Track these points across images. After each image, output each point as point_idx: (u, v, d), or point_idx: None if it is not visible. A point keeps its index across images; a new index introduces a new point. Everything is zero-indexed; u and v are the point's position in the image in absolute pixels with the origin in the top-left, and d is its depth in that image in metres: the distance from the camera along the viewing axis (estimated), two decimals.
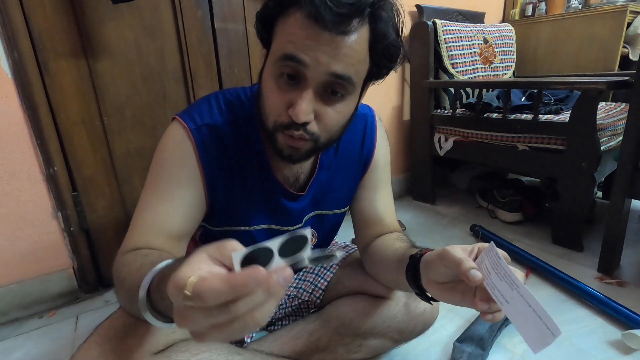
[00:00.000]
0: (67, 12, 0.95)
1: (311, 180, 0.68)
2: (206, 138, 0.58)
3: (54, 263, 1.08)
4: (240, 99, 0.62)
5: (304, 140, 0.52)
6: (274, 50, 0.49)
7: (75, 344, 0.94)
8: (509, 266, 0.40)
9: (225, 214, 0.64)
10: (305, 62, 0.46)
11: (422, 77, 1.65)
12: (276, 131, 0.52)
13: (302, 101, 0.48)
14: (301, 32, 0.46)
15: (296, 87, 0.49)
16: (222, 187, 0.61)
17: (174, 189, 0.57)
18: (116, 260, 0.51)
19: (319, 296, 0.81)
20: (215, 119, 0.59)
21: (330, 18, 0.44)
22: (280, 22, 0.49)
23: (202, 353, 0.58)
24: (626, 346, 0.85)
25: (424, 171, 1.78)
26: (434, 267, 0.47)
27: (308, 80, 0.48)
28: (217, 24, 1.16)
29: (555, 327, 0.35)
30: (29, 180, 0.99)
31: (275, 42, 0.50)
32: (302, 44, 0.46)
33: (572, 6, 1.92)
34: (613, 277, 1.12)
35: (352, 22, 0.45)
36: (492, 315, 0.42)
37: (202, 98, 0.63)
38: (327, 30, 0.45)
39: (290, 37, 0.47)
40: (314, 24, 0.45)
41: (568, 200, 1.27)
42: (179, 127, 0.58)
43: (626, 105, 1.43)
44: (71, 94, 1.00)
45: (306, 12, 0.44)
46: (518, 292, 0.38)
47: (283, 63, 0.48)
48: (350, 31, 0.46)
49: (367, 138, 0.71)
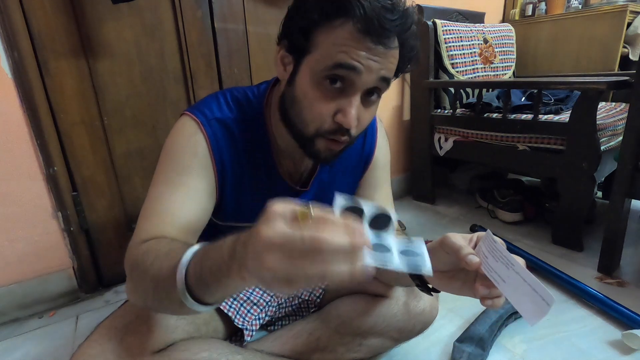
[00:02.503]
0: (67, 12, 0.95)
1: (313, 177, 0.69)
2: (217, 131, 0.59)
3: (54, 263, 1.08)
4: (248, 98, 0.63)
5: (345, 142, 0.54)
6: (320, 60, 0.49)
7: (75, 344, 0.94)
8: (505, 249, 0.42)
9: (232, 208, 0.65)
10: (359, 69, 0.48)
11: (422, 77, 1.65)
12: (317, 137, 0.53)
13: (352, 109, 0.50)
14: (354, 43, 0.47)
15: (342, 94, 0.50)
16: (232, 180, 0.62)
17: (187, 179, 0.56)
18: (131, 251, 0.50)
19: (319, 295, 0.81)
20: (224, 114, 0.60)
21: (382, 34, 0.47)
22: (323, 32, 0.49)
23: (202, 352, 0.58)
24: (626, 346, 0.85)
25: (424, 171, 1.78)
26: (436, 255, 0.47)
27: (357, 86, 0.50)
28: (217, 24, 1.16)
29: (550, 297, 0.37)
30: (29, 180, 0.99)
31: (317, 51, 0.50)
32: (355, 53, 0.47)
33: (572, 6, 1.92)
34: (613, 277, 1.12)
35: (396, 38, 0.49)
36: (492, 301, 0.44)
37: (210, 95, 0.63)
38: (380, 45, 0.48)
39: (342, 47, 0.48)
40: (367, 38, 0.47)
41: (568, 200, 1.27)
42: (190, 120, 0.58)
43: (626, 105, 1.43)
44: (71, 94, 1.00)
45: (359, 27, 0.46)
46: (513, 269, 0.40)
47: (333, 71, 0.49)
48: (394, 46, 0.50)
49: (367, 138, 0.72)
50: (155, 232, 0.52)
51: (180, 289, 0.39)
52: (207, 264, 0.37)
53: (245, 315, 0.73)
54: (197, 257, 0.39)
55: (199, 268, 0.38)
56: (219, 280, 0.36)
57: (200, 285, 0.38)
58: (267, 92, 0.63)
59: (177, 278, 0.39)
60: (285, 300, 0.81)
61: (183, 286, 0.39)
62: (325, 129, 0.52)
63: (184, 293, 0.39)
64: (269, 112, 0.63)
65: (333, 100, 0.51)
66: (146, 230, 0.52)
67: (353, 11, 0.46)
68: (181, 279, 0.39)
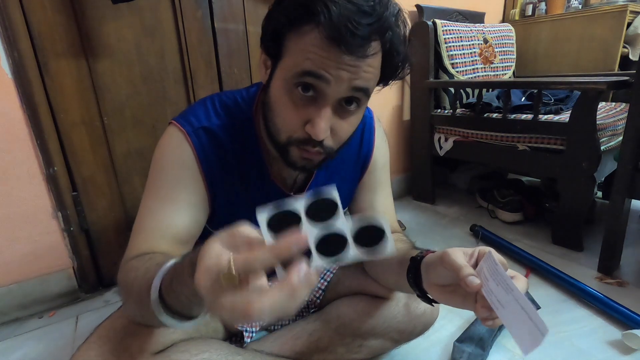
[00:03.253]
0: (67, 12, 0.95)
1: (309, 182, 0.67)
2: (204, 141, 0.57)
3: (54, 263, 1.08)
4: (237, 102, 0.61)
5: (319, 153, 0.52)
6: (288, 66, 0.47)
7: (75, 344, 0.94)
8: (506, 272, 0.41)
9: (225, 216, 0.64)
10: (326, 79, 0.45)
11: (422, 77, 1.65)
12: (289, 145, 0.51)
13: (321, 120, 0.47)
14: (321, 52, 0.44)
15: (313, 103, 0.48)
16: (222, 189, 0.61)
17: (177, 192, 0.56)
18: (121, 269, 0.50)
19: (319, 296, 0.81)
20: (212, 122, 0.58)
21: (352, 42, 0.43)
22: (293, 37, 0.46)
23: (202, 353, 0.58)
24: (626, 346, 0.85)
25: (424, 171, 1.78)
26: (435, 270, 0.47)
27: (327, 96, 0.47)
28: (217, 24, 1.16)
29: (544, 327, 0.37)
30: (29, 181, 0.99)
31: (288, 57, 0.47)
32: (322, 62, 0.44)
33: (572, 6, 1.92)
34: (613, 277, 1.12)
35: (372, 44, 0.45)
36: (493, 322, 0.42)
37: (198, 101, 0.62)
38: (349, 54, 0.44)
39: (309, 54, 0.45)
40: (334, 46, 0.43)
41: (568, 200, 1.27)
42: (176, 131, 0.57)
43: (626, 105, 1.43)
44: (71, 94, 1.00)
45: (325, 34, 0.43)
46: (512, 295, 0.39)
47: (301, 78, 0.46)
48: (370, 54, 0.45)
49: (365, 139, 0.70)
50: (145, 247, 0.52)
51: (154, 301, 0.38)
52: (177, 285, 0.37)
53: None
54: (169, 276, 0.39)
55: (170, 288, 0.38)
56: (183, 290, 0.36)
57: (176, 302, 0.38)
58: (257, 96, 0.62)
59: (152, 289, 0.39)
60: None
61: (157, 298, 0.38)
62: (295, 138, 0.50)
63: (160, 312, 0.39)
64: (258, 116, 0.61)
65: (304, 108, 0.48)
66: (136, 247, 0.52)
67: (318, 17, 0.42)
68: (155, 290, 0.39)
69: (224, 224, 0.65)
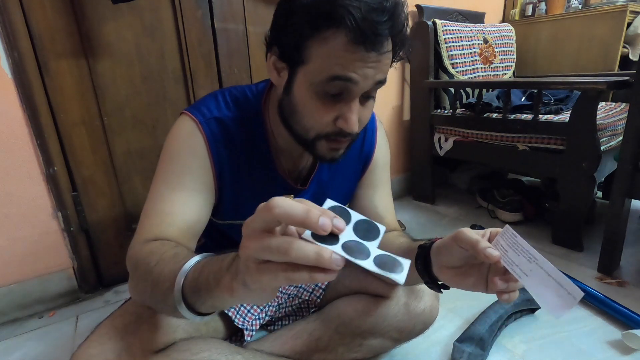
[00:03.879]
0: (67, 12, 0.95)
1: (312, 175, 0.69)
2: (215, 131, 0.59)
3: (54, 263, 1.08)
4: (247, 96, 0.63)
5: (346, 142, 0.56)
6: (314, 71, 0.49)
7: (75, 344, 0.94)
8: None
9: (231, 207, 0.65)
10: (355, 80, 0.48)
11: (422, 77, 1.65)
12: (318, 140, 0.54)
13: (353, 114, 0.51)
14: (348, 54, 0.47)
15: (341, 100, 0.51)
16: (230, 180, 0.62)
17: (186, 180, 0.57)
18: (135, 250, 0.51)
19: (319, 295, 0.81)
20: (223, 113, 0.60)
21: (376, 41, 0.46)
22: (315, 44, 0.48)
23: (202, 352, 0.58)
24: (626, 346, 0.85)
25: (424, 171, 1.78)
26: (449, 250, 0.47)
27: (354, 93, 0.50)
28: (217, 24, 1.16)
29: (577, 291, 0.37)
30: (29, 180, 0.99)
31: (312, 63, 0.49)
32: (351, 65, 0.47)
33: (572, 6, 1.92)
34: (613, 277, 1.12)
35: (389, 40, 0.49)
36: (509, 295, 0.43)
37: (209, 94, 0.64)
38: (373, 52, 0.47)
39: (338, 60, 0.47)
40: (360, 47, 0.46)
41: (568, 200, 1.27)
42: (188, 120, 0.59)
43: (626, 105, 1.43)
44: (71, 94, 1.00)
45: (352, 37, 0.45)
46: (537, 263, 0.39)
47: (332, 83, 0.49)
48: (389, 49, 0.49)
49: (367, 138, 0.72)
50: (157, 232, 0.53)
51: (177, 294, 0.40)
52: (204, 273, 0.38)
53: (245, 315, 0.73)
54: (197, 266, 0.40)
55: (197, 275, 0.39)
56: (210, 290, 0.37)
57: (194, 292, 0.39)
58: (265, 91, 0.64)
59: (176, 282, 0.40)
60: (285, 300, 0.81)
61: (180, 292, 0.40)
62: (326, 133, 0.53)
63: (179, 298, 0.40)
64: (267, 111, 0.63)
65: (333, 107, 0.51)
66: (148, 229, 0.53)
67: (344, 21, 0.44)
68: (179, 284, 0.40)
69: (229, 214, 0.66)
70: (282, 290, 0.80)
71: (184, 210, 0.56)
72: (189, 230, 0.56)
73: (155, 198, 0.56)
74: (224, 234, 0.73)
